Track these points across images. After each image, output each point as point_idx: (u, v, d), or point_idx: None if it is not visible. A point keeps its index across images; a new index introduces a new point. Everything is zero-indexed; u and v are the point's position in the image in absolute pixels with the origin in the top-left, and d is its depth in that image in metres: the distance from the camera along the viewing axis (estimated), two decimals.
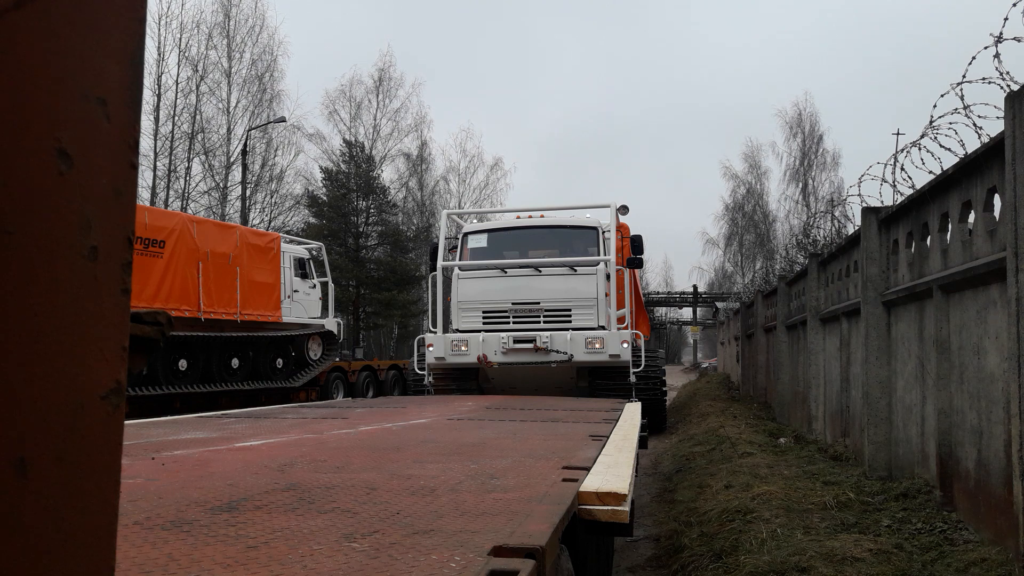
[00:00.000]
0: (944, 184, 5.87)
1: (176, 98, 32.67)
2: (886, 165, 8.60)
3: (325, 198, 36.13)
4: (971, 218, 5.47)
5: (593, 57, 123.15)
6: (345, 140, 38.12)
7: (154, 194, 31.52)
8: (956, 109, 6.37)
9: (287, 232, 29.06)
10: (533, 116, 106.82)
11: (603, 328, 10.95)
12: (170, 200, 31.99)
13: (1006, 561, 4.22)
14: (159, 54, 32.10)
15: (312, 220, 36.10)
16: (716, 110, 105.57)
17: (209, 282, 13.17)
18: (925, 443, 6.33)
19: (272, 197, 36.52)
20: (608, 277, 11.21)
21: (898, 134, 9.80)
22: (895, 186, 7.76)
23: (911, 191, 6.94)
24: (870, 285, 7.49)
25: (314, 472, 2.89)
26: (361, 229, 36.28)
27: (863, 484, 6.65)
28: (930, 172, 6.83)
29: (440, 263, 11.46)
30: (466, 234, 12.30)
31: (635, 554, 5.71)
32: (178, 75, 32.77)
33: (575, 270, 11.21)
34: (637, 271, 13.11)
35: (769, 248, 44.17)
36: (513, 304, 11.24)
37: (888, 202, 7.78)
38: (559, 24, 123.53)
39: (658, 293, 56.32)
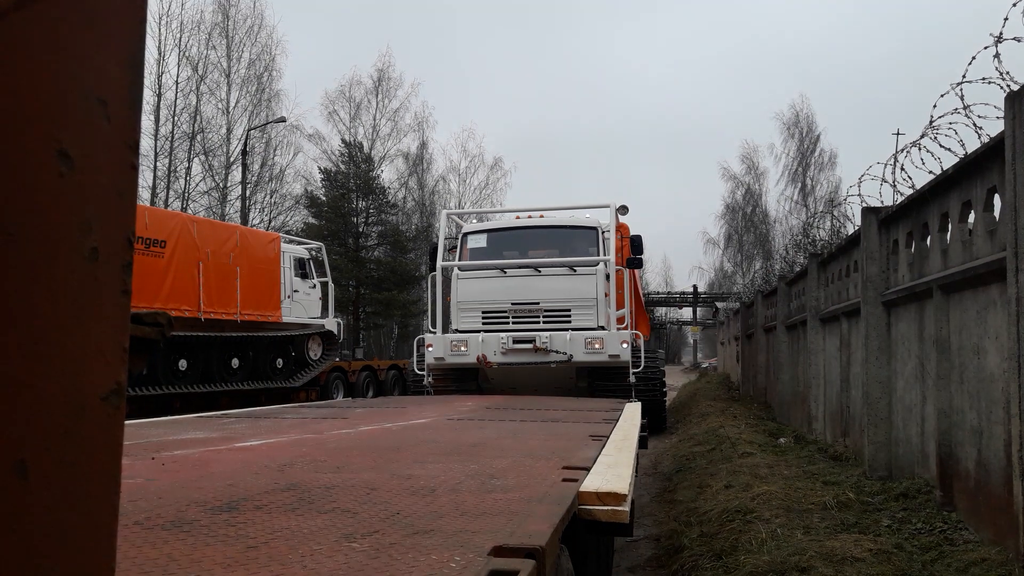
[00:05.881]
0: (944, 184, 5.87)
1: (176, 98, 32.72)
2: (886, 165, 8.60)
3: (324, 198, 36.14)
4: (971, 218, 5.47)
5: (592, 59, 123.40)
6: (344, 140, 38.14)
7: (154, 194, 31.53)
8: (956, 109, 6.37)
9: (287, 232, 29.06)
10: (534, 115, 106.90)
11: (603, 328, 10.95)
12: (170, 200, 32.00)
13: (1006, 561, 4.22)
14: (159, 54, 32.14)
15: (312, 220, 36.11)
16: (716, 111, 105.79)
17: (209, 282, 13.17)
18: (925, 443, 6.33)
19: (272, 197, 36.59)
20: (608, 277, 11.21)
21: (898, 134, 9.80)
22: (895, 186, 7.78)
23: (911, 191, 6.95)
24: (870, 285, 7.49)
25: (314, 472, 2.89)
26: (361, 229, 36.28)
27: (863, 484, 6.65)
28: (930, 172, 6.84)
29: (440, 263, 11.45)
30: (466, 234, 12.30)
31: (635, 554, 5.71)
32: (178, 75, 32.81)
33: (575, 270, 11.20)
34: (637, 271, 13.11)
35: (768, 248, 44.21)
36: (513, 304, 11.24)
37: (888, 202, 7.79)
38: (563, 25, 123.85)
39: (658, 293, 56.30)
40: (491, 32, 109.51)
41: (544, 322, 11.15)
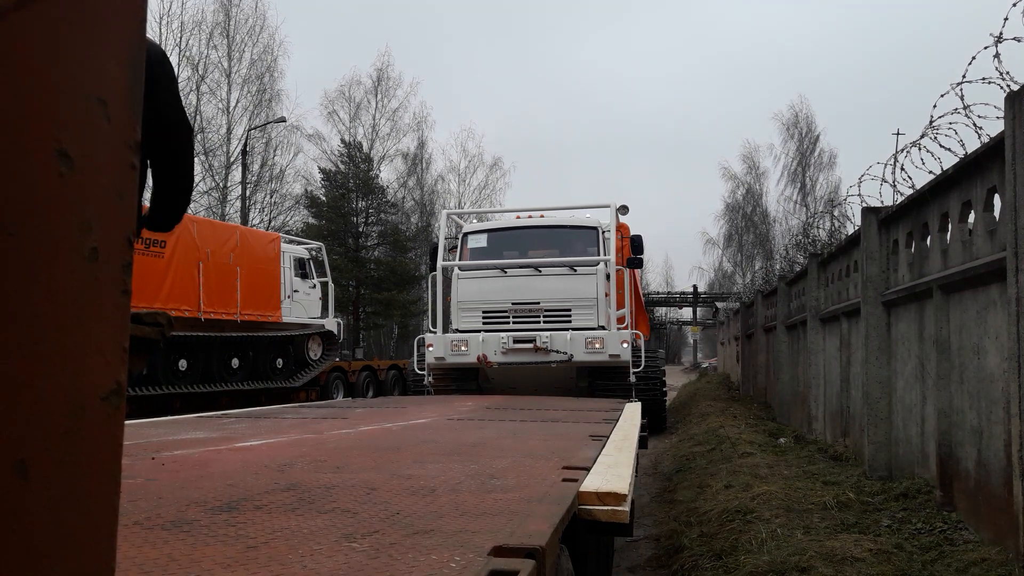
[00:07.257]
0: (944, 184, 5.87)
1: None
2: (886, 165, 8.61)
3: (324, 198, 36.14)
4: (971, 218, 5.47)
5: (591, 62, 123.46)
6: (344, 140, 38.14)
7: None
8: (956, 109, 6.37)
9: (287, 232, 29.05)
10: (532, 116, 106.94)
11: (603, 328, 10.95)
12: None
13: (1006, 561, 4.22)
14: None
15: (312, 220, 36.11)
16: (716, 112, 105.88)
17: (209, 282, 13.17)
18: (925, 443, 6.33)
19: (272, 197, 36.58)
20: (608, 277, 11.21)
21: (898, 134, 9.81)
22: (895, 186, 7.78)
23: (911, 191, 6.95)
24: (870, 285, 7.49)
25: (314, 472, 2.89)
26: (360, 229, 36.28)
27: (863, 484, 6.65)
28: (930, 172, 6.84)
29: (440, 263, 11.46)
30: (466, 234, 12.30)
31: (635, 554, 5.71)
32: (178, 75, 32.74)
33: (575, 270, 11.20)
34: (637, 271, 13.11)
35: (768, 248, 44.25)
36: (513, 304, 11.24)
37: (888, 202, 7.79)
38: (567, 26, 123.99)
39: (658, 293, 56.31)
40: (486, 34, 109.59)
41: (544, 322, 11.15)
